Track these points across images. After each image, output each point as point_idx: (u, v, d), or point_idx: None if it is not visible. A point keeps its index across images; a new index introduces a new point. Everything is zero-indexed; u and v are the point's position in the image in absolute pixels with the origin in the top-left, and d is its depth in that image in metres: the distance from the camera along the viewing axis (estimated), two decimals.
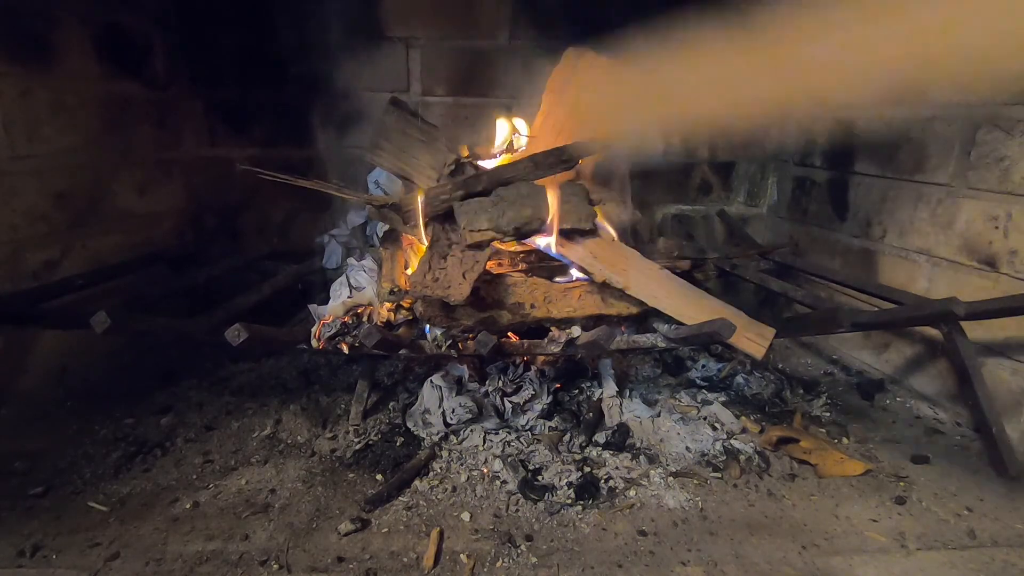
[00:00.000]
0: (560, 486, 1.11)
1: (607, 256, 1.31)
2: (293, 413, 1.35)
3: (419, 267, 1.23)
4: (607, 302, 1.30)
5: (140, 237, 1.72)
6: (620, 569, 0.92)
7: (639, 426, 1.31)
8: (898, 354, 1.58)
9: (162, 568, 0.91)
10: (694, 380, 1.53)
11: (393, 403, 1.40)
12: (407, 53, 1.93)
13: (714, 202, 2.19)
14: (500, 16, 1.90)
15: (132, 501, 1.06)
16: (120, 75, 1.65)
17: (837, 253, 1.82)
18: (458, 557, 0.94)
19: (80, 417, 1.31)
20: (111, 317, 0.99)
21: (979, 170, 1.34)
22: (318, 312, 1.32)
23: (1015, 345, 1.27)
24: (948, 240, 1.43)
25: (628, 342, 1.26)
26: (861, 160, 1.72)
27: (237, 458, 1.20)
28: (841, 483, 1.15)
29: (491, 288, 1.27)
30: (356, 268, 1.43)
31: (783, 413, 1.39)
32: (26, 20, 1.36)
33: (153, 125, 1.78)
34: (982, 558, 0.95)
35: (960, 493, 1.13)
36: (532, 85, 1.67)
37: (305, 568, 0.91)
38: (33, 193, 1.37)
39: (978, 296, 1.32)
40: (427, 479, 1.13)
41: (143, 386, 1.46)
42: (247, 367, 1.58)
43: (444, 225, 1.33)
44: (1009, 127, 1.28)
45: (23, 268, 1.35)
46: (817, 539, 1.00)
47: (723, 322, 1.07)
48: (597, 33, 1.58)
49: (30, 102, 1.36)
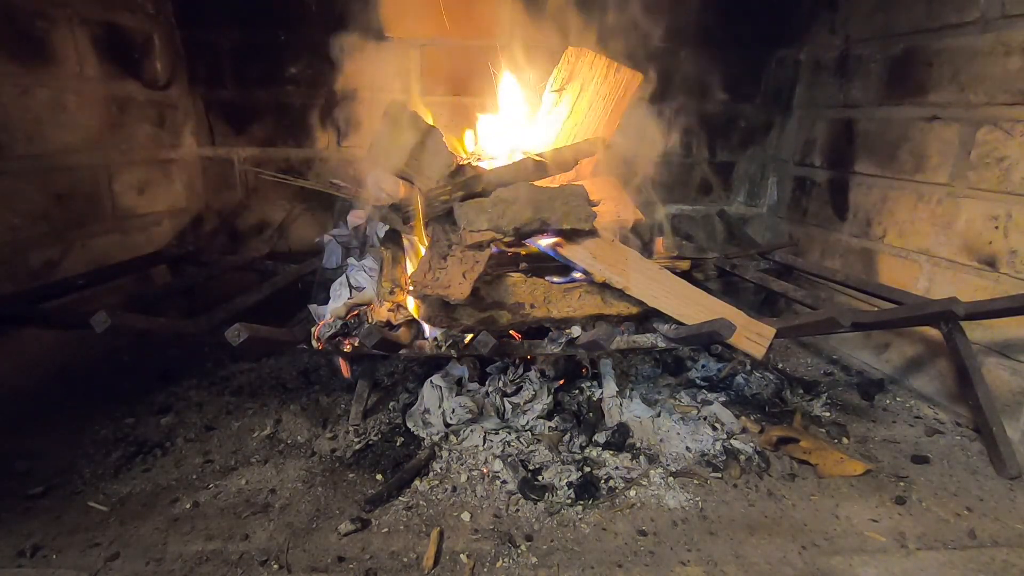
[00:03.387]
0: (560, 486, 1.11)
1: (607, 256, 1.31)
2: (293, 413, 1.35)
3: (419, 267, 1.23)
4: (607, 302, 1.30)
5: (140, 237, 1.72)
6: (620, 569, 0.92)
7: (639, 426, 1.31)
8: (898, 354, 1.58)
9: (162, 568, 0.91)
10: (694, 380, 1.53)
11: (393, 403, 1.40)
12: (407, 53, 1.93)
13: (714, 202, 2.19)
14: (500, 16, 1.91)
15: (132, 501, 1.06)
16: (120, 75, 1.65)
17: (837, 253, 1.82)
18: (458, 557, 0.94)
19: (80, 417, 1.31)
20: (111, 317, 0.99)
21: (979, 170, 1.34)
22: (318, 312, 1.31)
23: (1015, 345, 1.27)
24: (948, 240, 1.43)
25: (628, 342, 1.26)
26: (861, 160, 1.72)
27: (237, 458, 1.20)
28: (841, 483, 1.15)
29: (491, 288, 1.27)
30: (356, 268, 1.43)
31: (783, 413, 1.39)
32: (26, 20, 1.36)
33: (153, 125, 1.78)
34: (982, 558, 0.95)
35: (960, 493, 1.13)
36: (532, 85, 1.66)
37: (305, 568, 0.91)
38: (33, 193, 1.37)
39: (978, 296, 1.32)
40: (427, 479, 1.13)
41: (143, 386, 1.46)
42: (247, 367, 1.58)
43: (444, 226, 1.33)
44: (1009, 127, 1.28)
45: (23, 268, 1.35)
46: (817, 539, 1.00)
47: (723, 322, 1.07)
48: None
49: (30, 102, 1.36)
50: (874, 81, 1.67)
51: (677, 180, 2.15)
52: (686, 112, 2.07)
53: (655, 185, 2.11)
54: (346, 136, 1.99)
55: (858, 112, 1.73)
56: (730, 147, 2.13)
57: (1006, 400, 1.28)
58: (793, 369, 1.67)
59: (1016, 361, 1.27)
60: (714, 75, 2.02)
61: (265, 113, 1.96)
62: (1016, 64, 1.26)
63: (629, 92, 1.61)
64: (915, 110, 1.52)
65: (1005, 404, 1.27)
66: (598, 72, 1.56)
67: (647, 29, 1.80)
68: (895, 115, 1.59)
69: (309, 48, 1.89)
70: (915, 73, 1.52)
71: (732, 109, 2.09)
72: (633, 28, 1.67)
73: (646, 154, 1.91)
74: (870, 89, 1.69)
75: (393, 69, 1.94)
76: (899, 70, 1.58)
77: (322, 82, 1.91)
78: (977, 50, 1.35)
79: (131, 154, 1.69)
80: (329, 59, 1.89)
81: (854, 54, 1.75)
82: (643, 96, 1.91)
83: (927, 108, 1.48)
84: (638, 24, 1.67)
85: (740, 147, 2.13)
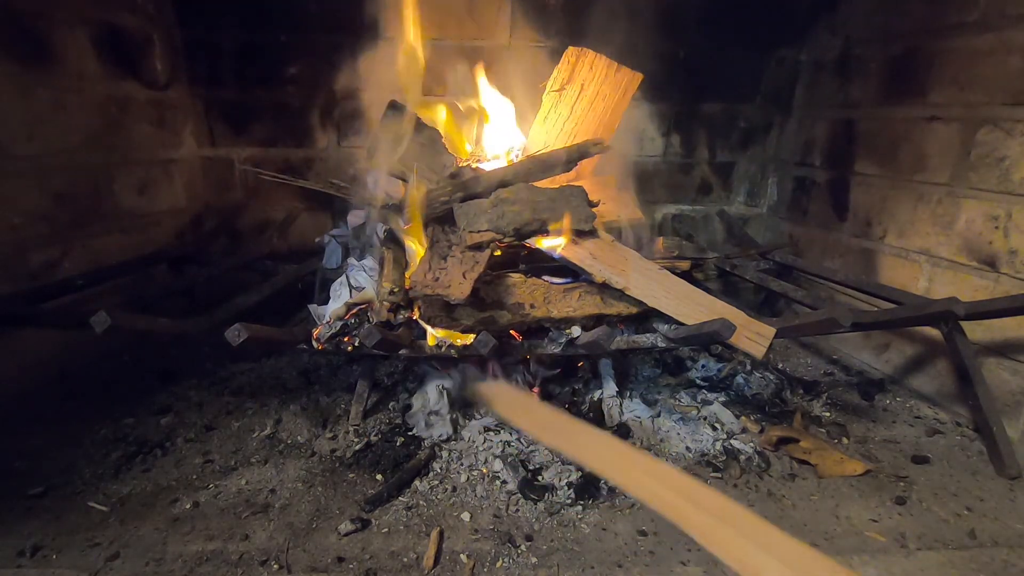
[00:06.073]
0: (560, 486, 1.11)
1: (607, 256, 1.31)
2: (293, 413, 1.35)
3: (419, 267, 1.23)
4: (607, 302, 1.30)
5: (140, 237, 1.72)
6: (620, 569, 0.92)
7: (639, 426, 1.31)
8: (898, 354, 1.58)
9: (162, 568, 0.91)
10: (694, 380, 1.53)
11: (393, 403, 1.40)
12: (407, 53, 1.93)
13: (714, 202, 2.19)
14: (500, 16, 1.91)
15: (132, 501, 1.06)
16: (120, 75, 1.65)
17: (837, 253, 1.82)
18: (458, 557, 0.94)
19: (80, 417, 1.31)
20: (111, 317, 0.99)
21: (979, 170, 1.34)
22: (318, 312, 1.31)
23: (1015, 345, 1.27)
24: (948, 240, 1.43)
25: (628, 342, 1.26)
26: (861, 160, 1.72)
27: (237, 458, 1.20)
28: (841, 483, 1.15)
29: (491, 288, 1.27)
30: (356, 268, 1.43)
31: (783, 413, 1.39)
32: (26, 20, 1.36)
33: (153, 125, 1.78)
34: (982, 558, 0.95)
35: (960, 493, 1.13)
36: (532, 85, 1.67)
37: (305, 568, 0.91)
38: (33, 193, 1.37)
39: (978, 296, 1.32)
40: (427, 479, 1.13)
41: (143, 386, 1.46)
42: (247, 367, 1.58)
43: (444, 226, 1.33)
44: (1009, 127, 1.28)
45: (23, 268, 1.35)
46: (817, 539, 1.00)
47: (723, 322, 1.07)
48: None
49: (30, 102, 1.36)
50: (874, 81, 1.67)
51: (677, 180, 2.15)
52: (686, 112, 2.07)
53: (655, 185, 2.12)
54: (346, 136, 1.99)
55: (858, 112, 1.73)
56: (730, 147, 2.13)
57: (1006, 400, 1.28)
58: (793, 369, 1.67)
59: (1016, 361, 1.27)
60: (714, 75, 2.02)
61: (265, 113, 1.96)
62: (1016, 64, 1.26)
63: (629, 92, 1.61)
64: (915, 110, 1.52)
65: (1005, 404, 1.27)
66: (598, 72, 1.56)
67: (647, 29, 1.80)
68: (895, 115, 1.59)
69: (309, 48, 1.89)
70: (915, 73, 1.52)
71: (732, 109, 2.09)
72: (633, 28, 1.67)
73: (645, 154, 1.91)
74: (870, 89, 1.69)
75: (393, 69, 1.94)
76: (899, 70, 1.58)
77: (322, 82, 1.91)
78: (977, 50, 1.35)
79: (131, 154, 1.69)
80: (329, 59, 1.89)
81: (854, 54, 1.76)
82: (643, 96, 1.92)
83: (927, 108, 1.48)
84: (638, 24, 1.67)
85: (740, 147, 2.13)
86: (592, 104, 1.58)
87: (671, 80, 1.99)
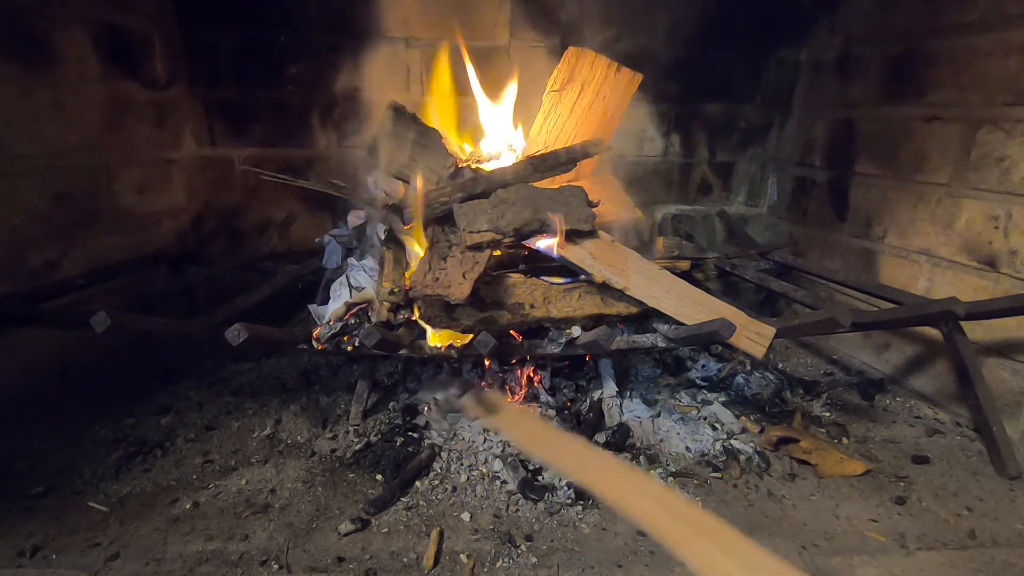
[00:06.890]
0: (560, 486, 1.11)
1: (607, 257, 1.31)
2: (293, 413, 1.35)
3: (419, 267, 1.23)
4: (607, 302, 1.30)
5: (140, 237, 1.72)
6: (620, 569, 0.92)
7: (639, 426, 1.31)
8: (898, 354, 1.58)
9: (162, 568, 0.91)
10: (694, 380, 1.53)
11: (393, 403, 1.40)
12: (407, 53, 1.93)
13: (714, 202, 2.19)
14: (500, 17, 1.91)
15: (132, 501, 1.06)
16: (120, 75, 1.65)
17: (837, 253, 1.82)
18: (458, 557, 0.94)
19: (80, 417, 1.31)
20: (111, 317, 0.99)
21: (979, 170, 1.34)
22: (318, 312, 1.31)
23: (1015, 345, 1.27)
24: (948, 240, 1.43)
25: (628, 342, 1.26)
26: (861, 160, 1.72)
27: (237, 458, 1.20)
28: (841, 483, 1.15)
29: (491, 288, 1.27)
30: (356, 268, 1.43)
31: (783, 413, 1.39)
32: (26, 20, 1.36)
33: (153, 125, 1.78)
34: (982, 558, 0.95)
35: (960, 493, 1.13)
36: (532, 85, 1.66)
37: (305, 568, 0.91)
38: (33, 193, 1.37)
39: (978, 296, 1.32)
40: (427, 479, 1.13)
41: (143, 386, 1.46)
42: (247, 367, 1.58)
43: (444, 227, 1.33)
44: (1009, 127, 1.28)
45: (23, 268, 1.35)
46: (817, 539, 1.00)
47: (723, 322, 1.07)
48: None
49: (30, 102, 1.36)
50: (874, 81, 1.67)
51: (677, 180, 2.15)
52: (686, 112, 2.07)
53: (655, 185, 2.12)
54: (346, 136, 1.99)
55: (858, 112, 1.73)
56: (730, 147, 2.13)
57: (1006, 400, 1.28)
58: (793, 369, 1.67)
59: (1016, 361, 1.27)
60: (714, 75, 2.02)
61: (265, 113, 1.96)
62: (1016, 64, 1.26)
63: (629, 93, 1.61)
64: (915, 110, 1.52)
65: (1005, 404, 1.27)
66: (598, 72, 1.56)
67: (647, 30, 1.80)
68: (895, 115, 1.59)
69: (309, 48, 1.89)
70: (915, 73, 1.52)
71: (732, 109, 2.09)
72: (633, 29, 1.67)
73: (645, 154, 1.91)
74: (870, 89, 1.69)
75: (393, 69, 1.94)
76: (899, 70, 1.58)
77: (322, 82, 1.91)
78: (977, 50, 1.35)
79: (131, 154, 1.69)
80: (329, 59, 1.89)
81: (854, 54, 1.75)
82: (643, 96, 1.92)
83: (927, 108, 1.48)
84: (638, 25, 1.67)
85: (740, 147, 2.13)
86: (592, 104, 1.57)
87: (671, 80, 1.99)
